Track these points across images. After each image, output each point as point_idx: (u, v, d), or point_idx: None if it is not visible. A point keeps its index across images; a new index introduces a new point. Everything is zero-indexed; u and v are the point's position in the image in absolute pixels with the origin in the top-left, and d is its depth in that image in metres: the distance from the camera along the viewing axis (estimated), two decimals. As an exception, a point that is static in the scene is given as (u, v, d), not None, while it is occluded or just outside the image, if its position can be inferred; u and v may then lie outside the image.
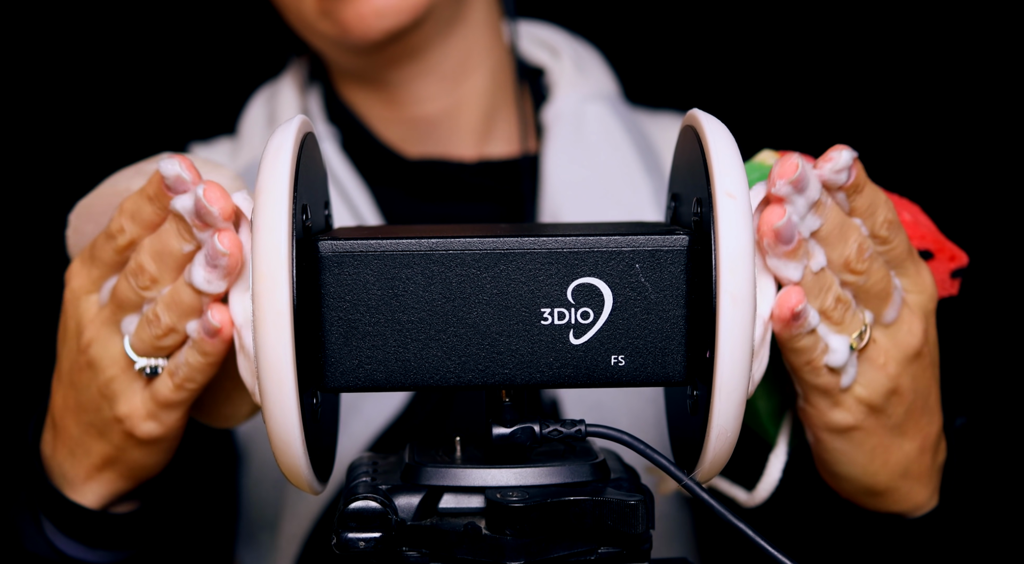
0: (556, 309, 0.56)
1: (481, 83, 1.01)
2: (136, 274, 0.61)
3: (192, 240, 0.59)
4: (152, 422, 0.64)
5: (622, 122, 1.04)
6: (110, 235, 0.62)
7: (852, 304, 0.60)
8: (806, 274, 0.58)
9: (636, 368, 0.56)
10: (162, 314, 0.61)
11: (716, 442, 0.55)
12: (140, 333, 0.62)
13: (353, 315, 0.56)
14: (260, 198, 0.54)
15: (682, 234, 0.56)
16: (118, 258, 0.63)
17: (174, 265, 0.60)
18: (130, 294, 0.62)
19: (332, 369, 0.56)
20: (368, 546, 0.55)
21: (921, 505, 0.68)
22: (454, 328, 0.56)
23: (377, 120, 1.02)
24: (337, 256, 0.56)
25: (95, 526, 0.70)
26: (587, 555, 0.57)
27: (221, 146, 1.06)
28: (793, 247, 0.57)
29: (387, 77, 0.98)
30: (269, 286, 0.52)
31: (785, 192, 0.56)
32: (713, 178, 0.54)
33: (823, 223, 0.58)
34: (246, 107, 1.06)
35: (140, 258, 0.61)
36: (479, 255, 0.55)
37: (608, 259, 0.55)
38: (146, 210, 0.61)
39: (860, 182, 0.60)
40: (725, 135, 0.56)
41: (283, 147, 0.55)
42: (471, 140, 1.02)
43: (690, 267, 0.56)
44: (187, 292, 0.60)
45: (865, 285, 0.60)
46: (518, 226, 0.63)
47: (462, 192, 1.00)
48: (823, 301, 0.59)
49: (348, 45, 0.93)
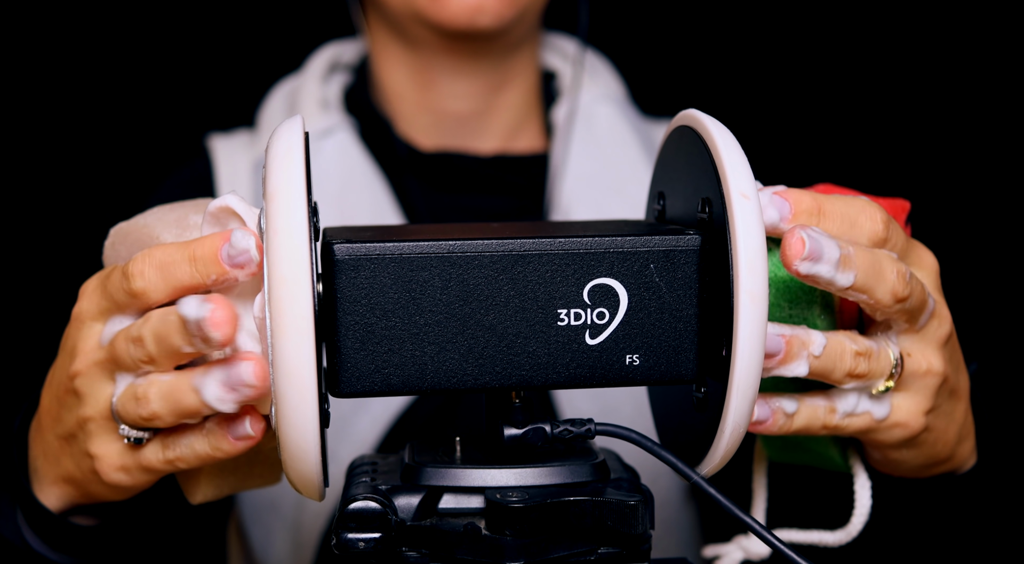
0: (573, 310, 0.55)
1: (514, 96, 1.05)
2: (135, 344, 0.56)
3: (193, 347, 0.54)
4: (124, 474, 0.61)
5: (629, 123, 1.07)
6: (127, 275, 0.57)
7: (874, 347, 0.59)
8: (812, 364, 0.57)
9: (650, 367, 0.56)
10: (155, 402, 0.56)
11: (729, 438, 0.55)
12: (126, 406, 0.57)
13: (369, 319, 0.54)
14: (275, 201, 0.52)
15: (694, 234, 0.56)
16: (127, 301, 0.57)
17: (173, 357, 0.55)
18: (126, 358, 0.57)
19: (347, 374, 0.55)
20: (368, 546, 0.55)
21: (968, 458, 0.68)
22: (471, 330, 0.55)
23: (407, 106, 1.03)
24: (353, 259, 0.54)
25: (55, 529, 0.67)
26: (587, 555, 0.56)
27: (240, 137, 1.07)
28: (783, 356, 0.57)
29: (440, 64, 1.01)
30: (290, 291, 0.51)
31: (803, 270, 0.55)
32: (726, 179, 0.54)
33: (856, 273, 0.56)
34: (265, 99, 1.08)
35: (143, 330, 0.56)
36: (497, 257, 0.55)
37: (624, 260, 0.55)
38: (183, 270, 0.55)
39: (804, 209, 0.57)
40: (730, 136, 0.56)
41: (294, 148, 0.54)
42: (494, 141, 1.05)
43: (702, 266, 0.56)
44: (191, 397, 0.55)
45: (911, 307, 0.59)
46: (532, 225, 0.63)
47: (477, 185, 1.02)
48: (843, 369, 0.58)
49: (436, 25, 0.96)
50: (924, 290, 0.60)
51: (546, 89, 1.08)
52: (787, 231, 0.55)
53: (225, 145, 1.05)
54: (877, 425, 0.61)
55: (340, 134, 1.01)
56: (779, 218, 0.57)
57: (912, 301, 0.59)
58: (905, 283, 0.58)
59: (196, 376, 0.55)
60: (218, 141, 1.06)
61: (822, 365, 0.58)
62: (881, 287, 0.57)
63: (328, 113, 1.03)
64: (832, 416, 0.60)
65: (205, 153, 1.06)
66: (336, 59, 1.08)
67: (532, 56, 1.06)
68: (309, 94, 1.03)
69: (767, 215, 0.57)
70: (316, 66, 1.06)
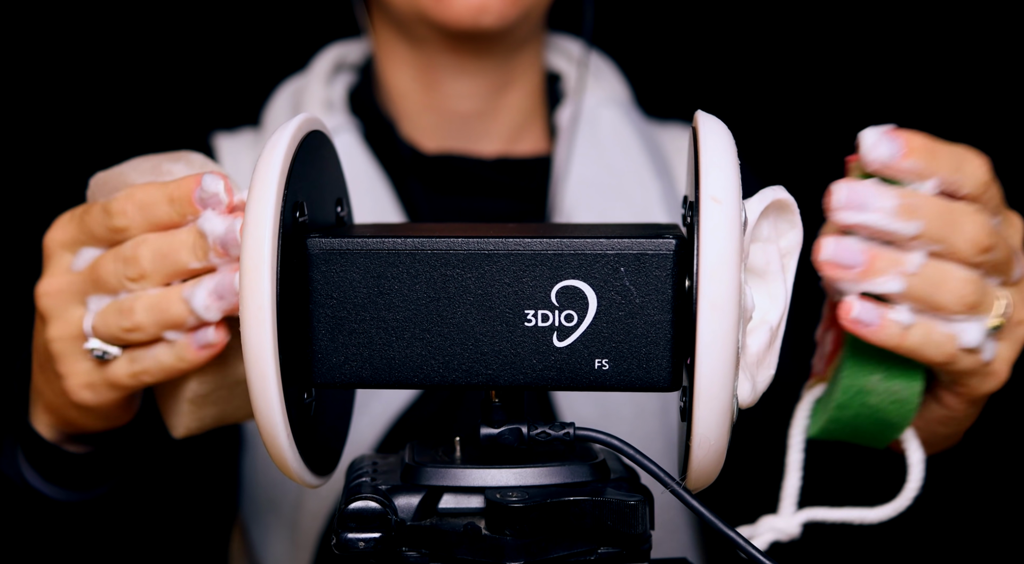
0: (540, 311, 0.55)
1: (518, 97, 1.05)
2: (128, 263, 0.61)
3: (204, 261, 0.59)
4: (90, 392, 0.64)
5: (634, 127, 1.06)
6: (108, 212, 0.62)
7: (982, 280, 0.58)
8: (910, 282, 0.56)
9: (620, 372, 0.56)
10: (140, 313, 0.60)
11: (698, 450, 0.54)
12: (107, 319, 0.61)
13: (340, 312, 0.56)
14: (251, 194, 0.54)
15: (671, 238, 0.55)
16: (106, 236, 0.62)
17: (172, 273, 0.60)
18: (111, 278, 0.61)
19: (319, 365, 0.56)
20: (368, 546, 0.55)
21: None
22: (438, 328, 0.56)
23: (411, 106, 1.04)
24: (324, 253, 0.56)
25: (49, 458, 0.70)
26: (587, 555, 0.56)
27: (244, 136, 1.07)
28: (864, 268, 0.56)
29: (444, 63, 1.01)
30: (253, 280, 0.53)
31: (844, 219, 0.56)
32: (700, 181, 0.53)
33: (924, 223, 0.56)
34: (271, 98, 1.08)
35: (139, 250, 0.60)
36: (463, 255, 0.55)
37: (593, 262, 0.55)
38: (162, 209, 0.61)
39: (917, 146, 0.57)
40: (720, 136, 0.55)
41: (278, 145, 0.55)
42: (498, 143, 1.05)
43: (677, 272, 0.55)
44: (179, 306, 0.60)
45: (996, 258, 0.58)
46: (518, 227, 0.63)
47: (479, 187, 1.02)
48: (952, 293, 0.57)
49: (440, 25, 0.96)
50: (1009, 246, 0.59)
51: (550, 91, 1.08)
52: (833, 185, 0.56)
53: (230, 144, 1.05)
54: (983, 368, 0.60)
55: (345, 135, 1.02)
56: (890, 156, 0.57)
57: (998, 253, 0.58)
58: (989, 232, 0.57)
59: (186, 288, 0.60)
60: (223, 140, 1.06)
61: (922, 285, 0.56)
62: (958, 236, 0.57)
63: (333, 114, 1.03)
64: (950, 344, 0.58)
65: (210, 151, 1.06)
66: (341, 59, 1.08)
67: (536, 57, 1.06)
68: (314, 94, 1.04)
69: (879, 152, 0.57)
70: (321, 66, 1.06)
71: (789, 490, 0.66)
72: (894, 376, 0.62)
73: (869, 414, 0.63)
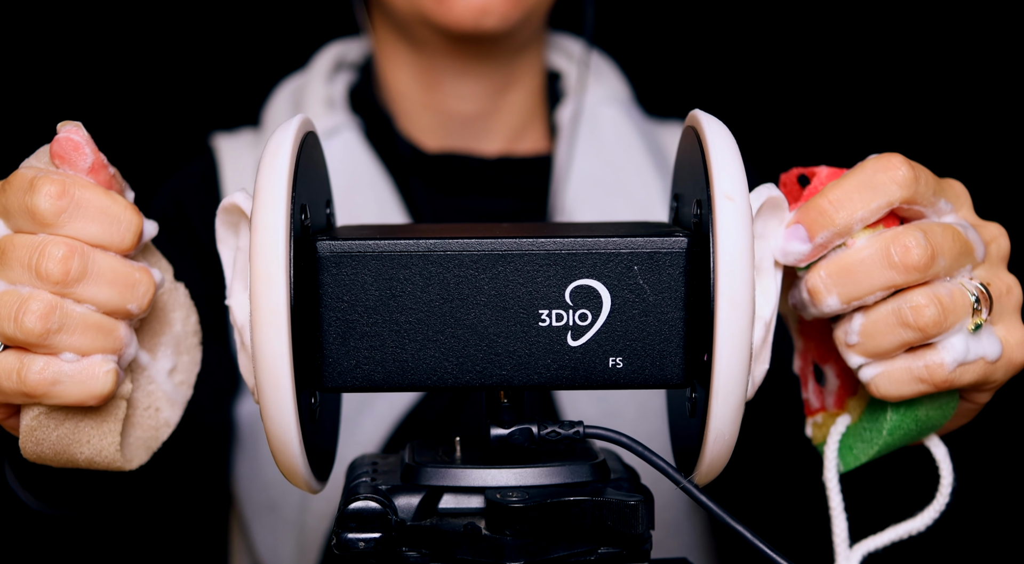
0: (554, 311, 0.55)
1: (519, 97, 1.05)
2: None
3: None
4: None
5: (634, 125, 1.06)
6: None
7: (942, 292, 0.56)
8: (866, 321, 0.57)
9: (634, 370, 0.56)
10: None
11: (713, 445, 0.54)
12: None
13: (351, 315, 0.55)
14: (258, 198, 0.53)
15: (681, 236, 0.55)
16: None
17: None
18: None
19: (330, 369, 0.56)
20: (368, 546, 0.55)
21: None
22: (451, 329, 0.55)
23: (411, 106, 1.03)
24: (335, 256, 0.55)
25: (26, 474, 0.69)
26: (587, 555, 0.56)
27: (244, 137, 1.07)
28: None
29: (445, 65, 1.01)
30: (266, 285, 0.52)
31: (826, 306, 0.57)
32: (712, 180, 0.54)
33: (860, 282, 0.56)
34: (270, 98, 1.08)
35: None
36: (477, 256, 0.55)
37: (606, 261, 0.55)
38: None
39: (818, 228, 0.57)
40: (725, 136, 0.56)
41: (282, 146, 0.55)
42: (499, 142, 1.05)
43: (689, 269, 0.55)
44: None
45: (946, 263, 0.57)
46: (526, 226, 0.63)
47: (481, 187, 1.02)
48: (909, 319, 0.56)
49: (442, 27, 0.96)
50: (957, 233, 0.57)
51: (551, 90, 1.08)
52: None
53: (230, 144, 1.05)
54: (993, 368, 0.59)
55: (346, 133, 1.01)
56: (801, 254, 0.57)
57: (945, 257, 0.56)
58: (923, 250, 0.55)
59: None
60: (223, 140, 1.06)
61: (879, 325, 0.56)
62: (896, 271, 0.56)
63: (334, 112, 1.02)
64: (940, 370, 0.57)
65: (210, 152, 1.06)
66: (341, 58, 1.08)
67: (537, 57, 1.06)
68: (314, 93, 1.03)
69: (792, 255, 0.57)
70: (321, 64, 1.06)
71: (840, 535, 0.64)
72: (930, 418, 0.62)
73: (918, 427, 0.63)
